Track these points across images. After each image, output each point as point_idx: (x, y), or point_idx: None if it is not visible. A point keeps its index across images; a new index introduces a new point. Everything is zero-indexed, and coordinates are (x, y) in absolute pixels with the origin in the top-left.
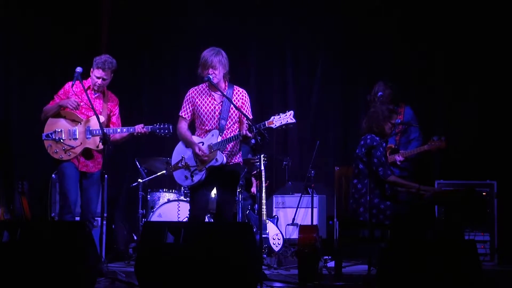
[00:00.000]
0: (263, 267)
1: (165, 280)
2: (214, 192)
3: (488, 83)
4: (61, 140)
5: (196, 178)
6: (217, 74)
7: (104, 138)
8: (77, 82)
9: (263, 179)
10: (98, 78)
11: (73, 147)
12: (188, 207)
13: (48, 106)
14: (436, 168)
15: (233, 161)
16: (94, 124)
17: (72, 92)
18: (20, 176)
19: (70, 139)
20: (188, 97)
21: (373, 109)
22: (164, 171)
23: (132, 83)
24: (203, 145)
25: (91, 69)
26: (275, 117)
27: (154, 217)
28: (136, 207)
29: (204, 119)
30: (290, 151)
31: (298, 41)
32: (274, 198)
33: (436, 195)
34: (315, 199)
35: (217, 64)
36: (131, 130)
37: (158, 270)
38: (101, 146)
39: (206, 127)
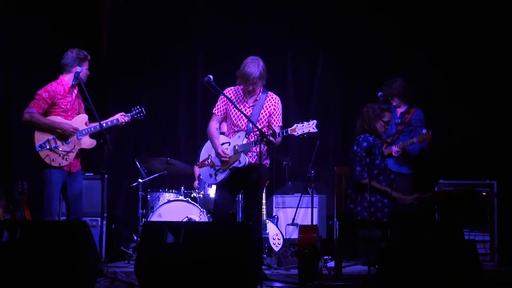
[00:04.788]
0: (263, 267)
1: (165, 280)
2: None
3: (488, 83)
4: (57, 148)
5: (219, 177)
6: (256, 89)
7: (104, 139)
8: (60, 78)
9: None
10: (87, 69)
11: (69, 152)
12: (188, 208)
13: (40, 119)
14: (436, 168)
15: (258, 162)
16: (80, 124)
17: (58, 95)
18: (20, 176)
19: (63, 144)
20: (223, 96)
21: (365, 109)
22: (164, 171)
23: (132, 83)
24: (229, 145)
25: (74, 68)
26: (298, 125)
27: (154, 217)
28: (136, 207)
29: (234, 120)
30: (290, 151)
31: (298, 41)
32: (274, 198)
33: (436, 195)
34: (315, 199)
35: (258, 81)
36: (115, 121)
37: (158, 270)
38: (93, 145)
39: (235, 128)
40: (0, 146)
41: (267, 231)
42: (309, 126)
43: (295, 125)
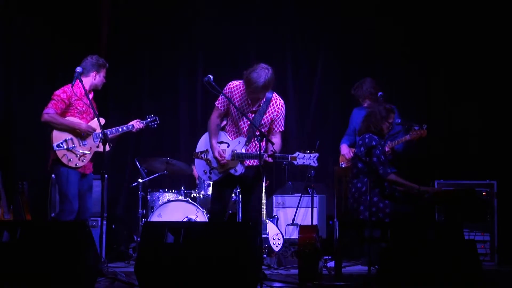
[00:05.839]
0: (263, 267)
1: (165, 280)
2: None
3: (489, 83)
4: (74, 148)
5: (214, 177)
6: (260, 97)
7: (104, 138)
8: (76, 82)
9: (263, 179)
10: (104, 77)
11: (85, 153)
12: (188, 208)
13: (59, 119)
14: (436, 168)
15: (255, 163)
16: (97, 127)
17: (74, 96)
18: (20, 176)
19: (80, 146)
20: (227, 90)
21: (371, 110)
22: (164, 171)
23: (132, 84)
24: (228, 147)
25: (92, 72)
26: (299, 154)
27: (154, 217)
28: (136, 207)
29: (236, 120)
30: (290, 151)
31: (298, 41)
32: (274, 198)
33: (436, 195)
34: (315, 199)
35: (260, 91)
36: (130, 127)
37: (158, 270)
38: (108, 148)
39: (236, 129)
40: (0, 147)
41: (267, 231)
42: (309, 159)
43: (297, 153)
